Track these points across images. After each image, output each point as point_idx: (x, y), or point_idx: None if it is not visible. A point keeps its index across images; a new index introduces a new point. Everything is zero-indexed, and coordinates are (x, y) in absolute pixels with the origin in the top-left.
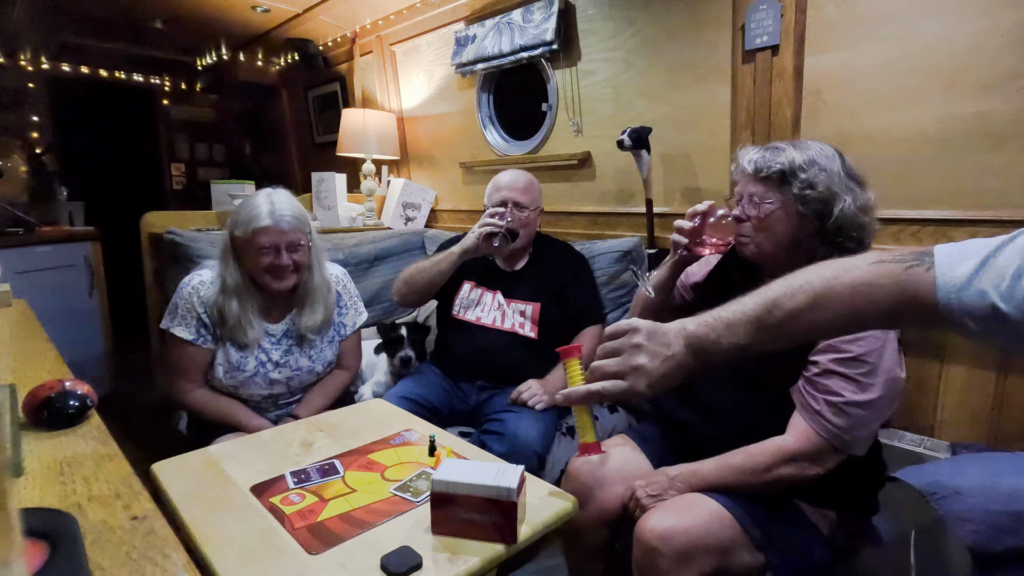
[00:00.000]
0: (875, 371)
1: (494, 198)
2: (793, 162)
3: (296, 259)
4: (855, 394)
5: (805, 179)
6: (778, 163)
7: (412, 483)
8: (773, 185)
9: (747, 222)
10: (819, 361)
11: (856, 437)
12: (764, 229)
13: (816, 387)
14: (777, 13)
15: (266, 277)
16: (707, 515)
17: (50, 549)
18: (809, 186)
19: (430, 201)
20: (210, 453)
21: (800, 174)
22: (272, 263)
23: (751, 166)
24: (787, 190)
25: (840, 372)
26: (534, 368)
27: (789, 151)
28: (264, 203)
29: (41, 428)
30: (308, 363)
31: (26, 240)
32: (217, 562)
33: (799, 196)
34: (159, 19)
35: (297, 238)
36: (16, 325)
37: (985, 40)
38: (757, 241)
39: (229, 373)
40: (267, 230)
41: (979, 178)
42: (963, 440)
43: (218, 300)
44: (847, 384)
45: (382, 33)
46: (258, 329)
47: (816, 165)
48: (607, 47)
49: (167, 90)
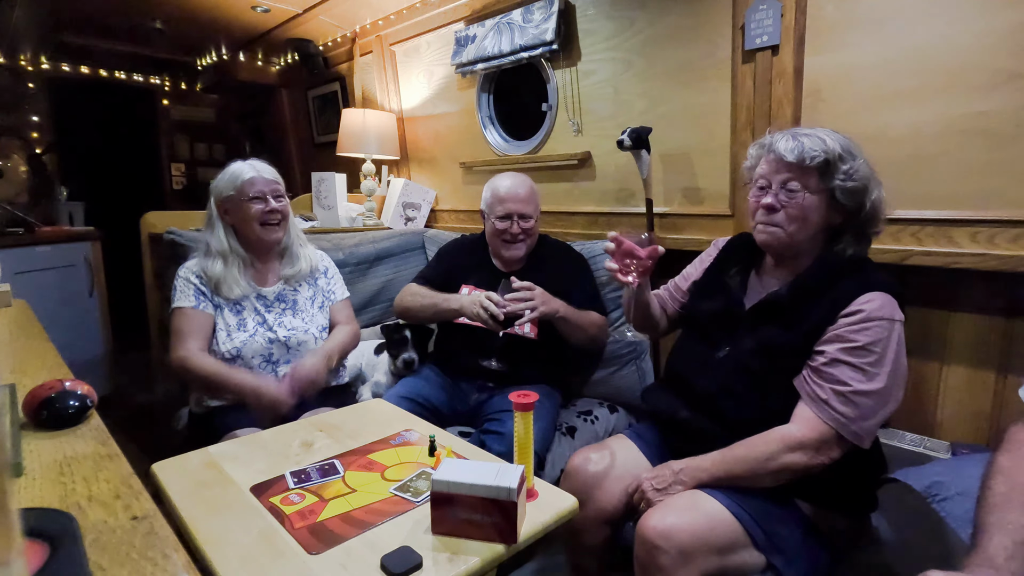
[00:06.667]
0: (882, 360)
1: (497, 210)
2: (834, 151)
3: (281, 208)
4: (862, 383)
5: (847, 169)
6: (822, 152)
7: (412, 483)
8: (815, 174)
9: (779, 211)
10: (825, 351)
11: (863, 427)
12: (800, 218)
13: (823, 376)
14: (777, 13)
15: (258, 229)
16: (709, 514)
17: (50, 549)
18: (850, 177)
19: (430, 201)
20: (210, 453)
21: (841, 164)
22: (264, 211)
23: (792, 154)
24: (828, 179)
25: (847, 361)
26: (534, 368)
27: (826, 138)
28: (242, 164)
29: (41, 428)
30: (302, 324)
31: (26, 240)
32: (217, 562)
33: (840, 187)
34: (159, 19)
35: (279, 188)
36: (16, 325)
37: (985, 40)
38: (790, 231)
39: (231, 335)
40: (253, 181)
41: (979, 178)
42: (963, 440)
43: (202, 262)
44: (854, 373)
45: (382, 33)
46: (246, 286)
47: (851, 153)
48: (607, 47)
49: (167, 90)
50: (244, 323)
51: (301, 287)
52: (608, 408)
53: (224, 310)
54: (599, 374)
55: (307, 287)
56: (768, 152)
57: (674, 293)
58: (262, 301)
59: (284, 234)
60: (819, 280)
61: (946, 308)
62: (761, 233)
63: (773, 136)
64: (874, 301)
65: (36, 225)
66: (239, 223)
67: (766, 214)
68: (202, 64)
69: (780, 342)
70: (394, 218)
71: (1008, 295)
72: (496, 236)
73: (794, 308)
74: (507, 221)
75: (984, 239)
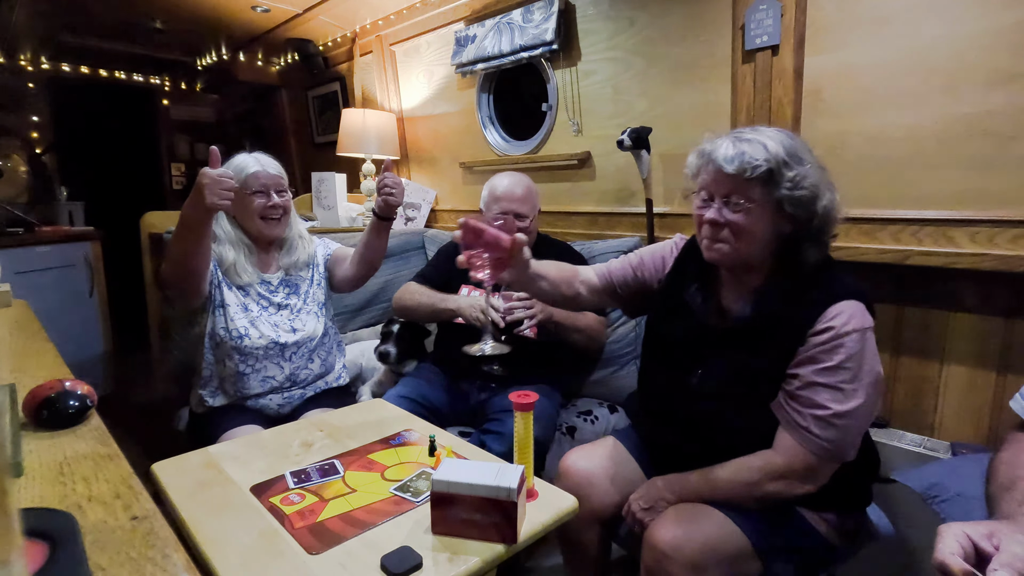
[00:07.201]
0: (858, 375)
1: (492, 208)
2: (778, 157)
3: (283, 203)
4: (841, 404)
5: (792, 176)
6: (763, 160)
7: (412, 483)
8: (758, 185)
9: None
10: (800, 374)
11: (847, 444)
12: (746, 233)
13: (800, 401)
14: (777, 13)
15: (260, 223)
16: (716, 525)
17: (50, 549)
18: (797, 185)
19: (430, 201)
20: (210, 453)
21: (786, 172)
22: (266, 205)
23: (731, 165)
24: (773, 189)
25: (823, 383)
26: (534, 368)
27: (768, 143)
28: (247, 156)
29: (41, 428)
30: (302, 303)
31: (26, 240)
32: (217, 562)
33: (787, 197)
34: (159, 19)
35: (282, 183)
36: (16, 325)
37: (985, 40)
38: (737, 247)
39: (239, 313)
40: (257, 174)
41: (979, 178)
42: (963, 440)
43: (215, 249)
44: (832, 394)
45: (382, 33)
46: (252, 273)
47: (798, 158)
48: (607, 47)
49: (167, 90)
50: (249, 305)
51: (302, 271)
52: (608, 408)
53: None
54: (599, 374)
55: (307, 270)
56: (708, 162)
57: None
58: (266, 286)
59: (285, 228)
60: (780, 299)
61: (946, 308)
62: (708, 251)
63: (713, 142)
64: (842, 314)
65: (36, 225)
66: (240, 215)
67: (711, 230)
68: (202, 64)
69: (753, 367)
70: None
71: (1008, 295)
72: None
73: (760, 331)
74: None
75: (984, 239)
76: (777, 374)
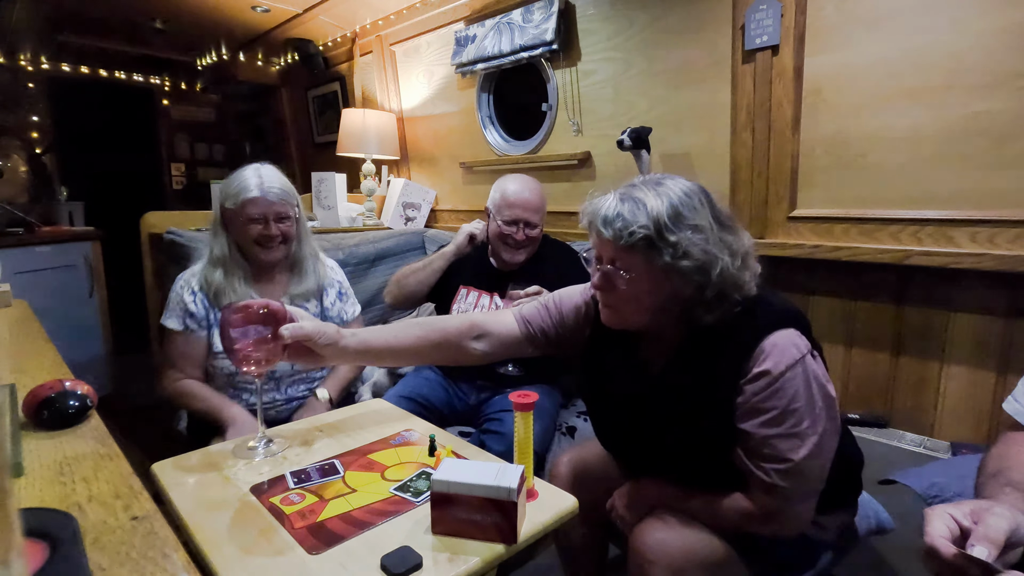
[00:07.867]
0: (809, 410)
1: (504, 213)
2: (659, 221)
3: (284, 230)
4: (801, 448)
5: (675, 243)
6: (640, 227)
7: (412, 483)
8: (638, 254)
9: (611, 292)
10: (749, 431)
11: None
12: (631, 300)
13: (759, 457)
14: (777, 13)
15: (255, 248)
16: (701, 530)
17: (50, 549)
18: (681, 254)
19: (430, 201)
20: (210, 453)
21: (669, 236)
22: (261, 233)
23: (608, 230)
24: (656, 258)
25: (775, 435)
26: (533, 367)
27: (651, 203)
28: (252, 176)
29: (41, 428)
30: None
31: (26, 240)
32: (217, 562)
33: (670, 265)
34: (159, 19)
35: (285, 210)
36: (16, 325)
37: (985, 40)
38: (625, 313)
39: None
40: (255, 201)
41: (979, 178)
42: (963, 440)
43: (205, 270)
44: (788, 443)
45: (382, 33)
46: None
47: (683, 221)
48: (607, 47)
49: (167, 90)
50: None
51: (309, 303)
52: None
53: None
54: None
55: (314, 303)
56: (591, 222)
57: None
58: None
59: (286, 255)
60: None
61: (946, 308)
62: (601, 313)
63: (601, 198)
64: (772, 354)
65: (36, 225)
66: (237, 238)
67: (599, 294)
68: (202, 64)
69: (699, 426)
70: (394, 218)
71: (1008, 295)
72: (499, 238)
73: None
74: (513, 227)
75: (984, 239)
76: (725, 429)
